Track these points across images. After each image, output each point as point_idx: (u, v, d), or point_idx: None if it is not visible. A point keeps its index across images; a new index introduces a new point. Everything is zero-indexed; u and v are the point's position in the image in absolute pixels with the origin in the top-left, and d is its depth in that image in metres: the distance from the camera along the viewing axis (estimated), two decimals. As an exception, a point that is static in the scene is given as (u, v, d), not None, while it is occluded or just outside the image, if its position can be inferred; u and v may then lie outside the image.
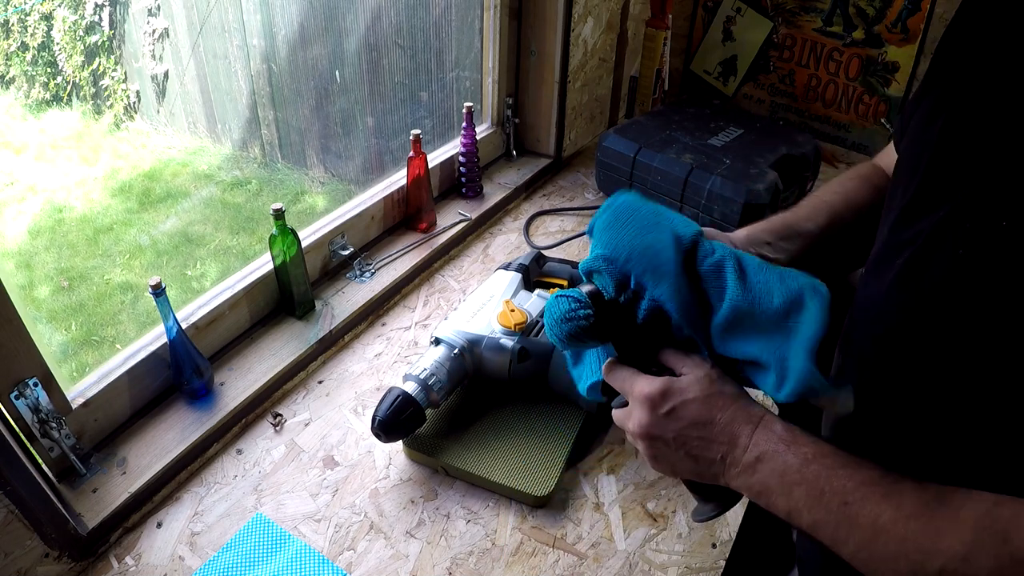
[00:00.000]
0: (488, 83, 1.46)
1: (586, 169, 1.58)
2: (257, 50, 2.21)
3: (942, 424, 0.53)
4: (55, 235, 2.20)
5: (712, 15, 1.77)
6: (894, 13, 1.52)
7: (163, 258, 2.26)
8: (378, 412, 0.82)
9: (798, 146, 1.38)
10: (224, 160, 2.53)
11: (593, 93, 1.60)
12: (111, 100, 2.26)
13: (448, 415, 0.91)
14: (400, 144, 1.86)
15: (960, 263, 0.49)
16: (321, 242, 1.11)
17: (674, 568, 0.76)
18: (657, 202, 0.62)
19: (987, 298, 0.47)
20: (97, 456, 0.82)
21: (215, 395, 0.91)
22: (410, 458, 0.87)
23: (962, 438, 0.51)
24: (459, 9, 1.55)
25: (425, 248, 1.22)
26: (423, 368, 0.86)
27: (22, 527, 0.67)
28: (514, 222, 1.38)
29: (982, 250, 0.47)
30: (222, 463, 0.86)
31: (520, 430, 0.88)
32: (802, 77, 1.71)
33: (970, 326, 0.49)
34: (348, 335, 1.07)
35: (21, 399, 0.71)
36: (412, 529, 0.79)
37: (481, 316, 0.92)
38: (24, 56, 1.96)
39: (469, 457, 0.84)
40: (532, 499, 0.81)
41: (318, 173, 2.41)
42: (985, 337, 0.48)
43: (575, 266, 1.07)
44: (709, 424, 0.55)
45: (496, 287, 0.97)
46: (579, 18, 1.41)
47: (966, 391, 0.50)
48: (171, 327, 0.84)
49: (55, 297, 2.06)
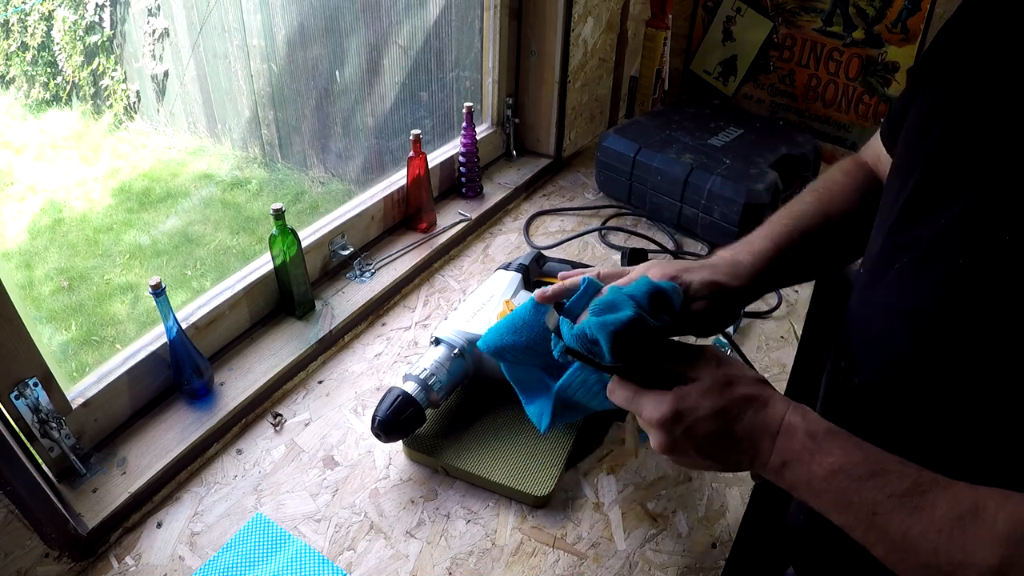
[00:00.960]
0: (488, 83, 1.46)
1: (586, 169, 1.58)
2: (257, 50, 2.21)
3: (941, 428, 0.53)
4: (55, 235, 2.20)
5: (712, 15, 1.77)
6: (894, 13, 1.52)
7: (163, 258, 2.26)
8: (378, 412, 0.82)
9: (798, 146, 1.38)
10: (224, 160, 2.53)
11: (593, 93, 1.60)
12: (111, 100, 2.26)
13: (448, 415, 0.91)
14: (400, 144, 1.86)
15: (960, 273, 0.49)
16: (321, 242, 1.11)
17: (674, 568, 0.76)
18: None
19: (987, 309, 0.47)
20: (97, 456, 0.82)
21: (215, 395, 0.91)
22: (410, 458, 0.87)
23: (965, 441, 0.51)
24: (459, 9, 1.55)
25: (425, 248, 1.22)
26: (423, 368, 0.86)
27: (22, 527, 0.67)
28: (514, 222, 1.38)
29: (983, 262, 0.47)
30: (222, 463, 0.86)
31: (520, 430, 0.88)
32: (802, 77, 1.70)
33: (968, 336, 0.49)
34: (348, 335, 1.07)
35: (21, 399, 0.71)
36: (412, 529, 0.79)
37: (481, 316, 0.92)
38: (24, 56, 1.96)
39: (469, 457, 0.84)
40: (532, 499, 0.81)
41: (318, 173, 2.41)
42: (984, 346, 0.48)
43: (575, 266, 1.07)
44: (728, 436, 0.54)
45: (496, 287, 0.97)
46: (579, 18, 1.41)
47: (964, 396, 0.50)
48: (171, 327, 0.84)
49: (55, 297, 2.06)
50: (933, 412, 0.53)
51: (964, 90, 0.53)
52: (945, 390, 0.51)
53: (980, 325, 0.48)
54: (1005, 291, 0.46)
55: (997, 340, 0.47)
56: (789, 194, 1.32)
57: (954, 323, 0.49)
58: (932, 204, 0.52)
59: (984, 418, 0.50)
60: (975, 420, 0.50)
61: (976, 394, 0.49)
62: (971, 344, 0.48)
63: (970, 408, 0.50)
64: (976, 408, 0.50)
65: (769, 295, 1.20)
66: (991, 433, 0.49)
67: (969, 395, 0.50)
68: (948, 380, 0.51)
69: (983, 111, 0.51)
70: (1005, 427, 0.48)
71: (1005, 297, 0.46)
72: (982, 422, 0.50)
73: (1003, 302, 0.46)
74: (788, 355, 1.07)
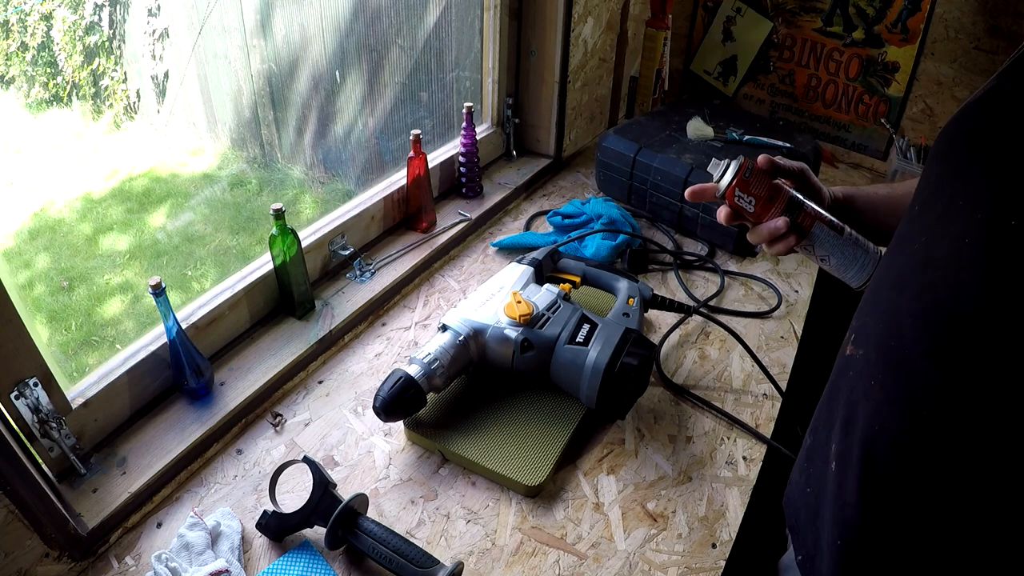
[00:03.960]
0: (488, 83, 1.46)
1: (586, 169, 1.58)
2: (257, 50, 2.21)
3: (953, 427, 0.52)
4: (55, 235, 2.19)
5: (712, 15, 1.77)
6: (894, 13, 1.52)
7: (163, 258, 2.26)
8: (380, 392, 0.84)
9: (798, 146, 1.38)
10: (224, 160, 2.53)
11: (593, 93, 1.60)
12: (111, 100, 2.26)
13: (452, 401, 0.92)
14: (400, 144, 1.85)
15: (963, 251, 0.49)
16: (321, 242, 1.11)
17: (674, 568, 0.76)
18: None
19: (990, 288, 0.48)
20: (97, 456, 0.82)
21: (215, 395, 0.90)
22: (410, 440, 0.89)
23: (968, 436, 0.51)
24: (459, 9, 1.54)
25: (425, 248, 1.22)
26: (427, 353, 0.87)
27: (22, 527, 0.67)
28: (514, 222, 1.38)
29: (987, 243, 0.48)
30: (222, 463, 0.86)
31: (519, 420, 0.89)
32: (802, 77, 1.71)
33: (974, 318, 0.49)
34: (348, 335, 1.07)
35: (21, 399, 0.71)
36: (412, 529, 0.79)
37: (489, 306, 0.93)
38: (24, 56, 1.96)
39: (466, 443, 0.86)
40: (523, 488, 0.82)
41: (318, 173, 2.41)
42: (991, 330, 0.48)
43: (589, 263, 1.08)
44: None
45: (507, 279, 0.99)
46: (579, 18, 1.41)
47: (965, 389, 0.50)
48: (171, 327, 0.84)
49: (55, 297, 2.06)
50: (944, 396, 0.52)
51: None
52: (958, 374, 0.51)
53: (984, 305, 0.48)
54: (1006, 271, 0.46)
55: (1004, 323, 0.47)
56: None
57: (959, 304, 0.49)
58: (947, 190, 0.53)
59: (991, 403, 0.49)
60: (981, 406, 0.50)
61: (979, 384, 0.49)
62: (980, 327, 0.48)
63: (975, 394, 0.50)
64: (981, 397, 0.50)
65: (769, 295, 1.20)
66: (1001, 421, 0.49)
67: (972, 384, 0.50)
68: (947, 373, 0.51)
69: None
70: (1010, 408, 0.48)
71: (1006, 277, 0.46)
72: (988, 409, 0.50)
73: (1003, 283, 0.46)
74: (788, 355, 1.07)
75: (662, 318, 1.13)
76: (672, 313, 1.08)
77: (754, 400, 0.99)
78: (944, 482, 0.53)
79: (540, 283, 1.01)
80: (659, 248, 1.28)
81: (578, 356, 0.87)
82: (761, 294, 1.21)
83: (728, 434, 0.93)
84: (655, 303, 1.05)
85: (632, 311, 0.99)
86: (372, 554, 0.71)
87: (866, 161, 1.71)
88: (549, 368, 0.90)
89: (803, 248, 0.74)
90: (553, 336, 0.90)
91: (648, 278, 1.23)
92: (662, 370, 1.02)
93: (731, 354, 1.07)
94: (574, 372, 0.88)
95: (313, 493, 0.76)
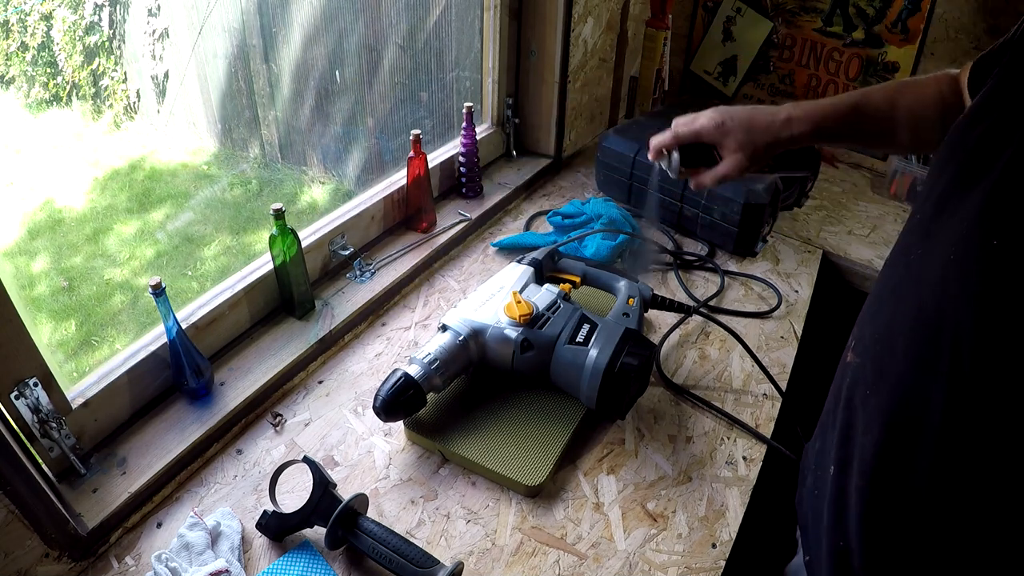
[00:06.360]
0: (488, 83, 1.46)
1: (586, 169, 1.58)
2: (257, 50, 2.21)
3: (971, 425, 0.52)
4: (55, 235, 2.19)
5: (712, 15, 1.77)
6: (894, 13, 1.52)
7: (163, 258, 2.26)
8: (380, 392, 0.84)
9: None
10: (224, 160, 2.53)
11: (593, 93, 1.60)
12: (111, 100, 2.26)
13: (452, 401, 0.92)
14: (400, 144, 1.85)
15: (949, 269, 0.49)
16: (321, 242, 1.11)
17: (674, 568, 0.76)
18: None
19: (969, 313, 0.48)
20: (97, 456, 0.82)
21: (215, 395, 0.90)
22: (410, 440, 0.89)
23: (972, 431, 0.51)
24: (459, 9, 1.55)
25: (425, 248, 1.22)
26: (427, 353, 0.87)
27: (22, 527, 0.67)
28: (514, 222, 1.38)
29: (970, 264, 0.48)
30: (222, 463, 0.86)
31: (519, 420, 0.90)
32: (802, 77, 1.71)
33: (952, 344, 0.49)
34: (348, 335, 1.07)
35: (21, 399, 0.71)
36: (412, 529, 0.79)
37: (489, 306, 0.93)
38: (24, 56, 1.96)
39: (466, 443, 0.86)
40: (523, 488, 0.82)
41: (318, 173, 2.41)
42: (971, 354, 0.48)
43: (589, 263, 1.08)
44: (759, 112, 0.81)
45: (507, 279, 0.99)
46: (579, 18, 1.41)
47: (966, 382, 0.50)
48: (171, 327, 0.84)
49: (55, 297, 2.06)
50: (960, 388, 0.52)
51: None
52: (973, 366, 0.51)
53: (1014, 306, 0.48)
54: (991, 300, 0.47)
55: (985, 348, 0.47)
56: (789, 194, 1.32)
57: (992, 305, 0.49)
58: (961, 188, 0.53)
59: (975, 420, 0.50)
60: (965, 423, 0.50)
61: (962, 403, 0.50)
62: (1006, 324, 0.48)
63: (960, 411, 0.50)
64: (965, 414, 0.50)
65: (769, 295, 1.20)
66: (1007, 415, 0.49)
67: (956, 402, 0.50)
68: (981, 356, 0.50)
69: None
70: (994, 424, 0.48)
71: (990, 307, 0.47)
72: (973, 425, 0.50)
73: (988, 312, 0.47)
74: (788, 355, 1.07)
75: (662, 318, 1.13)
76: (672, 313, 1.08)
77: (754, 400, 0.99)
78: (935, 494, 0.53)
79: (540, 283, 1.01)
80: (659, 248, 1.28)
81: (578, 356, 0.87)
82: (761, 294, 1.21)
83: (728, 434, 0.93)
84: (655, 303, 1.05)
85: (632, 311, 0.99)
86: (372, 554, 0.71)
87: (866, 161, 1.71)
88: (549, 368, 0.90)
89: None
90: (553, 336, 0.90)
91: (648, 278, 1.23)
92: (662, 370, 1.02)
93: (731, 354, 1.07)
94: (574, 372, 0.88)
95: (313, 493, 0.76)
